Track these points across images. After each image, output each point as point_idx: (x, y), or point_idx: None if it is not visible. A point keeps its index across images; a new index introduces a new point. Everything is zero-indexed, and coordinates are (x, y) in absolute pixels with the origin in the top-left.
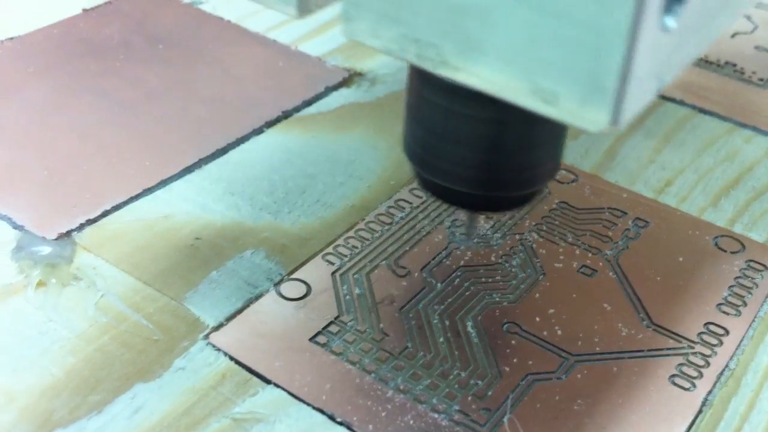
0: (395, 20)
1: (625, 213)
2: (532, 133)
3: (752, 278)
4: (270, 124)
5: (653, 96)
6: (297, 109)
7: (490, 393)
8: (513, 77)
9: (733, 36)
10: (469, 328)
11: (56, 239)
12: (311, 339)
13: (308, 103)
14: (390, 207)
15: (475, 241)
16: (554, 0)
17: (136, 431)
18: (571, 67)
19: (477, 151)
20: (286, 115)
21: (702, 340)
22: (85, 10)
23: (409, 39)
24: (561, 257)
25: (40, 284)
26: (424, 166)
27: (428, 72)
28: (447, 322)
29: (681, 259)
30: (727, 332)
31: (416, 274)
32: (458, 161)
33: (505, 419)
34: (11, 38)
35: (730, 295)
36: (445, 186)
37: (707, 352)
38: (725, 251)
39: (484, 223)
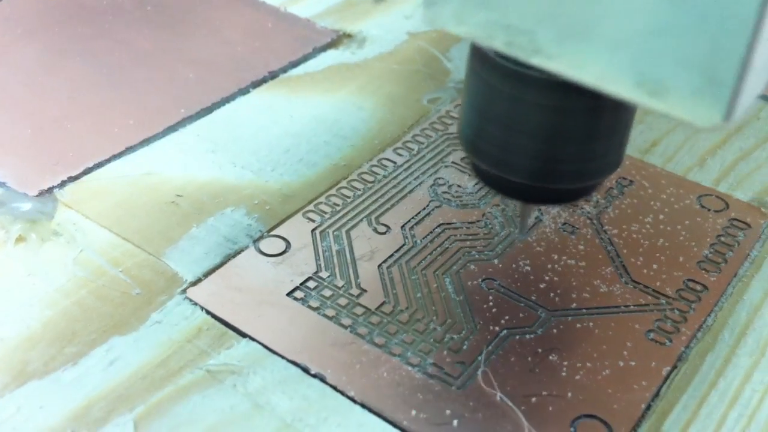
0: (483, 4)
1: None
2: (595, 123)
3: (734, 236)
4: (256, 84)
5: (763, 89)
6: (284, 70)
7: (465, 347)
8: (617, 67)
9: None
10: (447, 284)
11: (37, 195)
12: (288, 294)
13: (295, 64)
14: (373, 166)
15: (528, 234)
16: None
17: (111, 383)
18: (686, 56)
19: (536, 141)
20: (272, 75)
21: (680, 296)
22: None
23: (499, 25)
24: (543, 214)
25: (20, 239)
26: (477, 153)
27: (488, 54)
28: (425, 278)
29: (663, 217)
30: (707, 289)
31: (396, 232)
32: (515, 150)
33: (479, 372)
34: (0, 0)
35: (711, 252)
36: (499, 176)
37: (685, 308)
38: (709, 210)
39: (467, 182)
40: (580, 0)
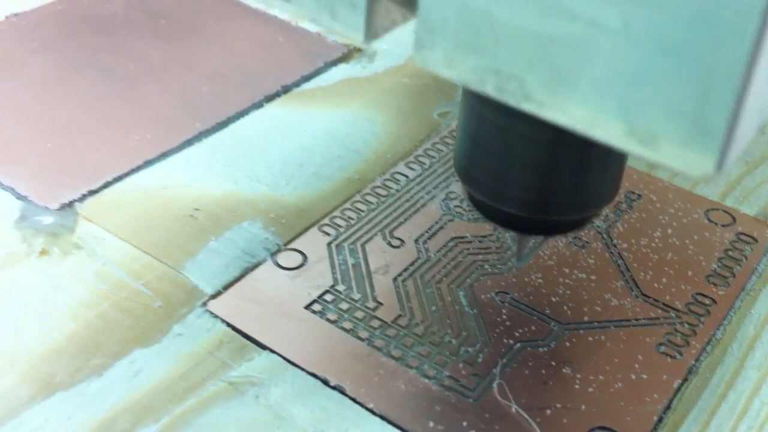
0: (474, 49)
1: None
2: (590, 156)
3: (741, 251)
4: (269, 98)
5: (756, 133)
6: (296, 84)
7: (480, 359)
8: (607, 116)
9: None
10: (461, 297)
11: (59, 209)
12: (306, 307)
13: (307, 78)
14: (386, 180)
15: (525, 262)
16: (662, 36)
17: (136, 394)
18: (675, 106)
19: (531, 173)
20: (285, 89)
21: (690, 310)
22: None
23: (489, 70)
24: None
25: (43, 253)
26: (472, 183)
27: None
28: (439, 291)
29: (671, 231)
30: (715, 303)
31: (410, 245)
32: (511, 182)
33: (495, 384)
34: (16, 14)
35: (719, 266)
36: (495, 206)
37: (694, 321)
38: (716, 224)
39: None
40: (568, 47)
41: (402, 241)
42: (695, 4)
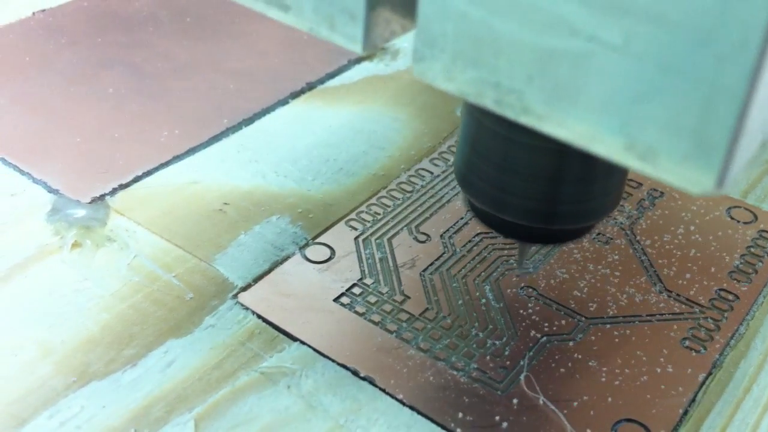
0: (473, 62)
1: (640, 184)
2: (593, 165)
3: (763, 247)
4: (294, 95)
5: (757, 150)
6: (321, 81)
7: (506, 352)
8: (606, 131)
9: None
10: (487, 292)
11: (90, 203)
12: (335, 299)
13: (331, 75)
14: (411, 176)
15: (527, 268)
16: (664, 52)
17: (169, 384)
18: (676, 123)
19: (533, 182)
20: (310, 87)
21: (713, 305)
22: None
23: (488, 83)
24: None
25: (76, 245)
26: (473, 191)
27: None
28: (466, 286)
29: (693, 228)
30: (738, 298)
31: (436, 240)
32: (513, 191)
33: (522, 377)
34: (43, 10)
35: (741, 263)
36: (495, 215)
37: (718, 317)
38: (738, 221)
39: None
40: (568, 62)
41: (428, 236)
42: (698, 21)
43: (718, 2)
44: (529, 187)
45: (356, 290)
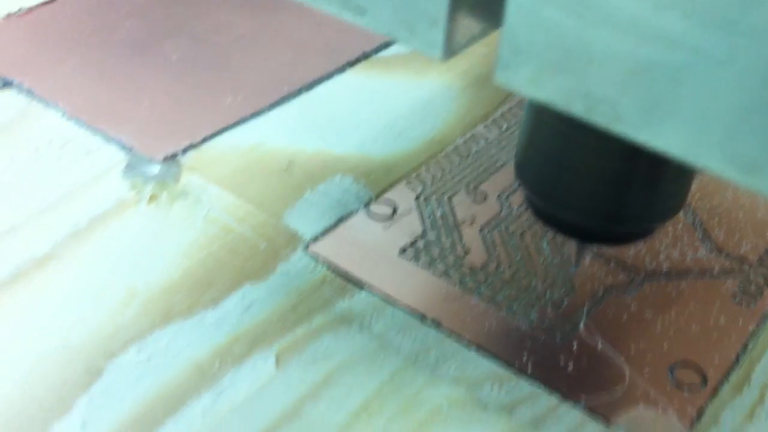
0: (562, 70)
1: None
2: (660, 167)
3: None
4: (351, 64)
5: None
6: (376, 51)
7: (565, 303)
8: (706, 143)
9: None
10: (545, 247)
11: (163, 161)
12: (400, 252)
13: (387, 45)
14: (467, 140)
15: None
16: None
17: (249, 324)
18: None
19: (599, 184)
20: (365, 56)
21: (763, 263)
22: None
23: (578, 92)
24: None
25: (152, 198)
26: (535, 191)
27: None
28: (524, 242)
29: (741, 192)
30: None
31: (493, 200)
32: (578, 192)
33: (581, 324)
34: None
35: None
36: (559, 215)
37: (767, 273)
38: None
39: None
40: (666, 74)
41: (485, 196)
42: None
43: None
44: (592, 188)
45: (420, 244)
